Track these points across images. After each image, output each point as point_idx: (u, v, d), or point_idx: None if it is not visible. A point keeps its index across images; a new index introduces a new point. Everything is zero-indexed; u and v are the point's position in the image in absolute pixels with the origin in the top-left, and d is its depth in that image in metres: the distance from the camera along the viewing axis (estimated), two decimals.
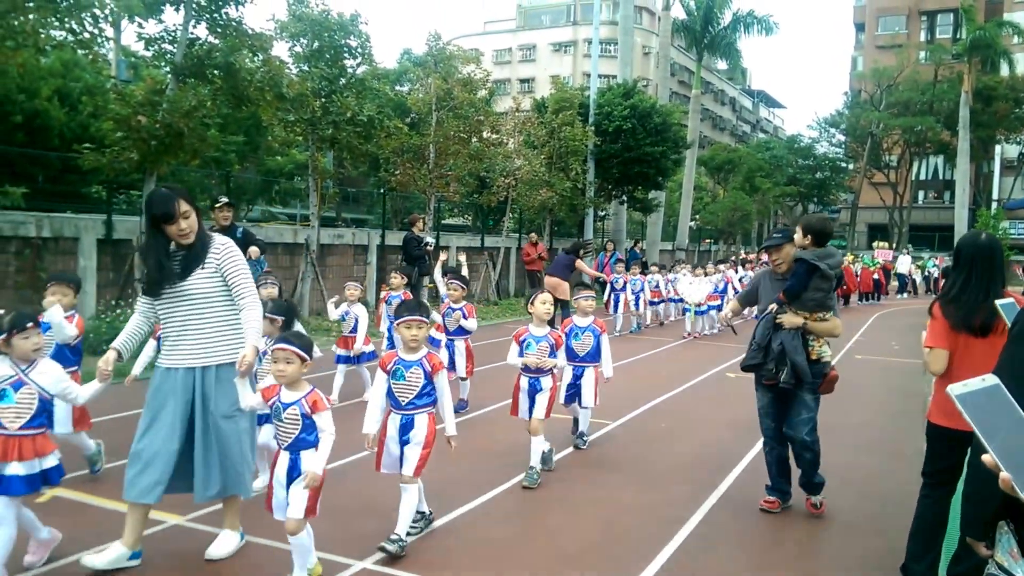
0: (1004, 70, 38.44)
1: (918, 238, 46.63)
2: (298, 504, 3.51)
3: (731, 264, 18.52)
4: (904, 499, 5.28)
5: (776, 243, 4.80)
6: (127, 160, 9.98)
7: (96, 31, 9.69)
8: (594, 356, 6.09)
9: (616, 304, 13.87)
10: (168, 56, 10.78)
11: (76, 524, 4.23)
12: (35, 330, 3.64)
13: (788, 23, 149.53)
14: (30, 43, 9.13)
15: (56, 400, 3.84)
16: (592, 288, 6.47)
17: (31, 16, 8.92)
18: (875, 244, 30.70)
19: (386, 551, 3.95)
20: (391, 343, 7.54)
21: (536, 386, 5.42)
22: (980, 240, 3.71)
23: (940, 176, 51.55)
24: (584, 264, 13.45)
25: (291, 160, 20.90)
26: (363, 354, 7.44)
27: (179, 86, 10.54)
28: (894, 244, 40.04)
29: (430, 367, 4.11)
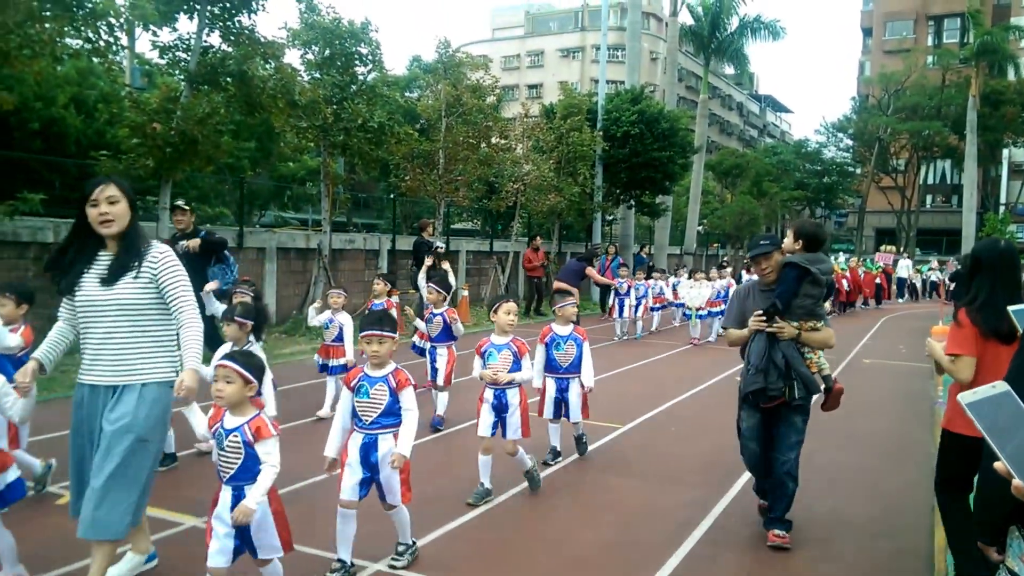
0: (1011, 74, 38.26)
1: (926, 242, 46.53)
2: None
3: (743, 267, 18.39)
4: (912, 501, 5.34)
5: (766, 251, 4.42)
6: (143, 167, 10.11)
7: (111, 39, 9.83)
8: (578, 367, 5.70)
9: (621, 309, 13.90)
10: (182, 64, 10.87)
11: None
12: None
13: (795, 28, 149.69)
14: (47, 52, 9.23)
15: None
16: (572, 295, 6.23)
17: (48, 25, 9.05)
18: (882, 248, 30.56)
19: (396, 567, 3.96)
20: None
21: (503, 399, 5.02)
22: (1000, 246, 3.71)
23: (948, 180, 51.36)
24: (594, 272, 13.41)
25: (303, 166, 20.97)
26: (334, 366, 6.97)
27: (193, 94, 10.65)
28: (901, 248, 39.93)
29: (395, 383, 3.80)
